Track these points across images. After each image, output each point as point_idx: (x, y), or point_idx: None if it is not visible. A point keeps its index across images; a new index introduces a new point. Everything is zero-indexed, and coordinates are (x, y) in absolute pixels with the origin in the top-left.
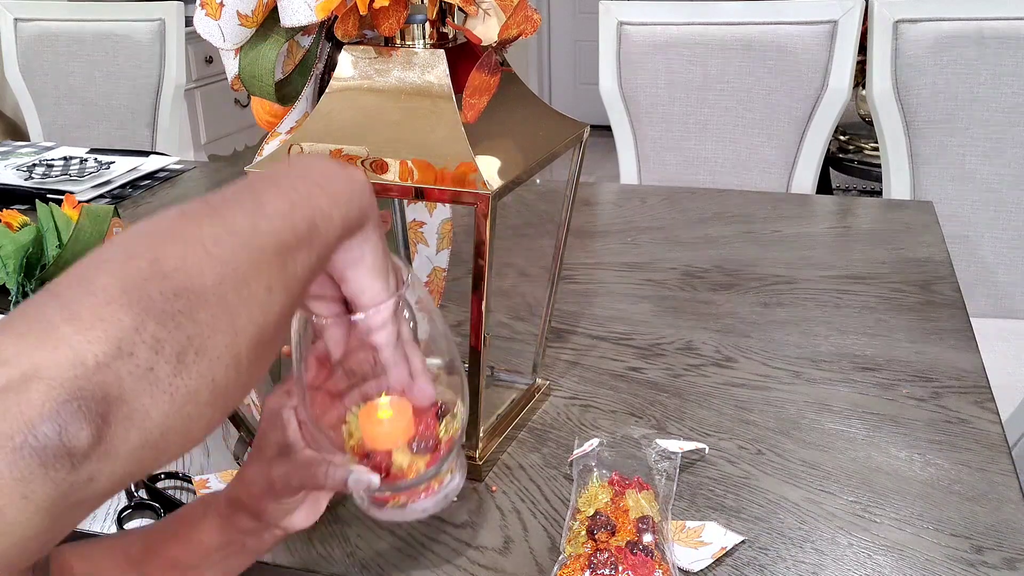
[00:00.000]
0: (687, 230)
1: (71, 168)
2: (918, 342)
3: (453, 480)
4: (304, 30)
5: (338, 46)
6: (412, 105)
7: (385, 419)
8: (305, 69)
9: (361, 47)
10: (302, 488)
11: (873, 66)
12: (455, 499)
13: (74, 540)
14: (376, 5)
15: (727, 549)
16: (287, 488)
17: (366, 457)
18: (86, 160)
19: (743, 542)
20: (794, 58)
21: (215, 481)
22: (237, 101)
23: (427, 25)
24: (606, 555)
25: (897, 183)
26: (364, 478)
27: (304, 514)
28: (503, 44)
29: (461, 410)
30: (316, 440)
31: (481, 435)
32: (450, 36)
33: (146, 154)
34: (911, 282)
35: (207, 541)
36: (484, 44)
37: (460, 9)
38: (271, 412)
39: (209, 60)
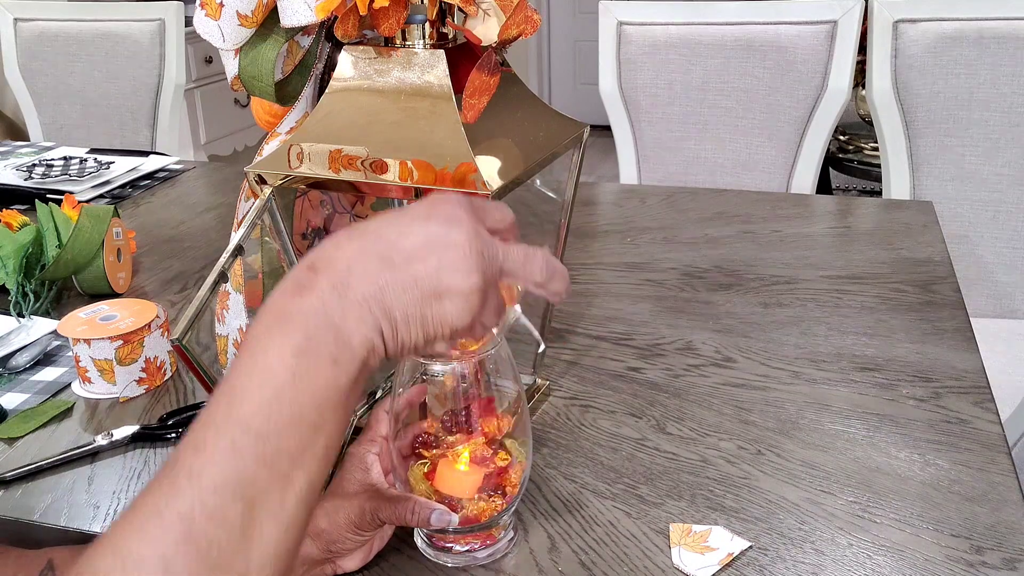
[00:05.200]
0: (687, 230)
1: (71, 168)
2: (918, 342)
3: (510, 532)
4: (304, 30)
5: (338, 46)
6: (412, 105)
7: (463, 468)
8: (305, 69)
9: (361, 47)
10: (386, 523)
11: (873, 66)
12: (508, 552)
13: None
14: (376, 5)
15: (735, 555)
16: (373, 521)
17: (441, 503)
18: (86, 160)
19: (750, 547)
20: (794, 58)
21: None
22: (237, 101)
23: (427, 25)
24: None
25: (897, 183)
26: (446, 517)
27: (359, 558)
28: (503, 44)
29: (526, 466)
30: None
31: None
32: (450, 36)
33: (146, 154)
34: (911, 282)
35: None
36: (484, 44)
37: (460, 9)
38: (355, 456)
39: (209, 60)
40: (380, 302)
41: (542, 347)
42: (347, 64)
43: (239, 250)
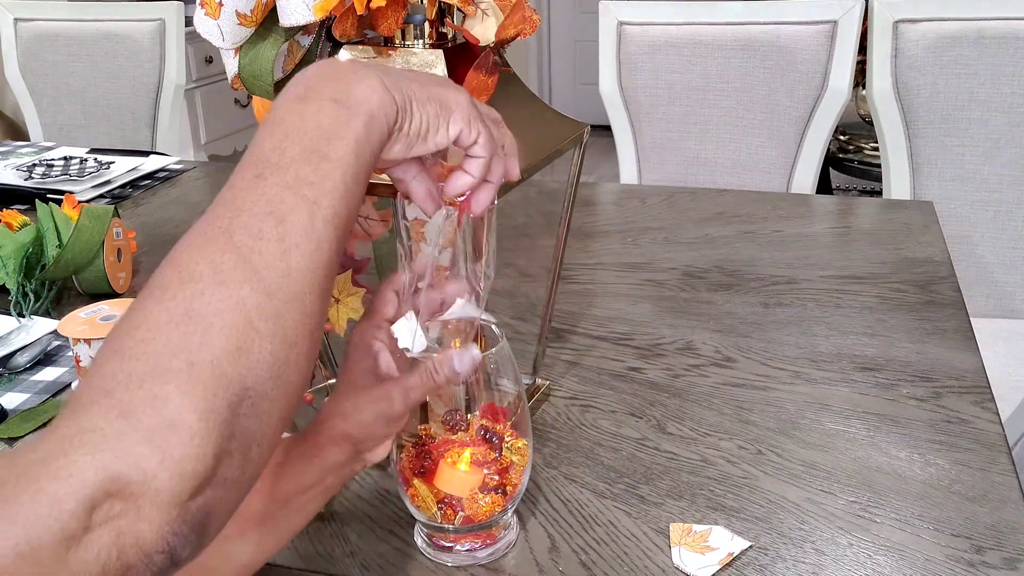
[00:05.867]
0: (687, 230)
1: (71, 168)
2: (918, 342)
3: (511, 532)
4: (304, 29)
5: (338, 45)
6: None
7: (463, 468)
8: None
9: (360, 47)
10: (418, 400)
11: (873, 66)
12: (508, 552)
13: None
14: (374, 5)
15: (735, 555)
16: (406, 404)
17: (442, 503)
18: (86, 160)
19: (750, 547)
20: (794, 58)
21: None
22: (237, 101)
23: (426, 25)
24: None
25: (897, 183)
26: (467, 358)
27: (383, 448)
28: (501, 44)
29: (526, 466)
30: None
31: None
32: (449, 36)
33: (146, 154)
34: (911, 282)
35: (291, 486)
36: (482, 44)
37: (459, 9)
38: (359, 345)
39: (209, 60)
40: (379, 69)
41: (492, 277)
42: None
43: None
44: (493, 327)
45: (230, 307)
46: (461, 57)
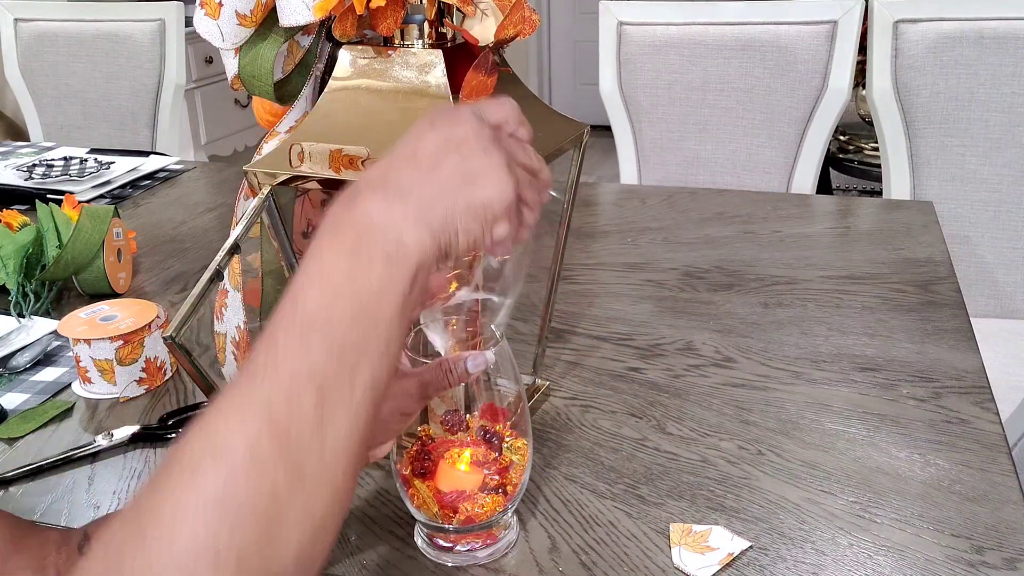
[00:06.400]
0: (687, 230)
1: (71, 168)
2: (918, 342)
3: (511, 532)
4: (304, 29)
5: (338, 45)
6: (410, 105)
7: (463, 468)
8: (305, 68)
9: (360, 47)
10: (434, 395)
11: (873, 66)
12: (508, 552)
13: None
14: (373, 5)
15: (735, 555)
16: (422, 398)
17: (443, 504)
18: (86, 160)
19: (750, 547)
20: (794, 58)
21: None
22: (237, 101)
23: (425, 25)
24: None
25: (897, 183)
26: (481, 359)
27: (388, 444)
28: (500, 44)
29: (526, 466)
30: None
31: None
32: (449, 36)
33: (146, 154)
34: (911, 282)
35: None
36: (481, 44)
37: (458, 9)
38: None
39: (209, 60)
40: (421, 202)
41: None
42: (346, 63)
43: (235, 248)
44: (493, 327)
45: (263, 493)
46: (461, 57)
